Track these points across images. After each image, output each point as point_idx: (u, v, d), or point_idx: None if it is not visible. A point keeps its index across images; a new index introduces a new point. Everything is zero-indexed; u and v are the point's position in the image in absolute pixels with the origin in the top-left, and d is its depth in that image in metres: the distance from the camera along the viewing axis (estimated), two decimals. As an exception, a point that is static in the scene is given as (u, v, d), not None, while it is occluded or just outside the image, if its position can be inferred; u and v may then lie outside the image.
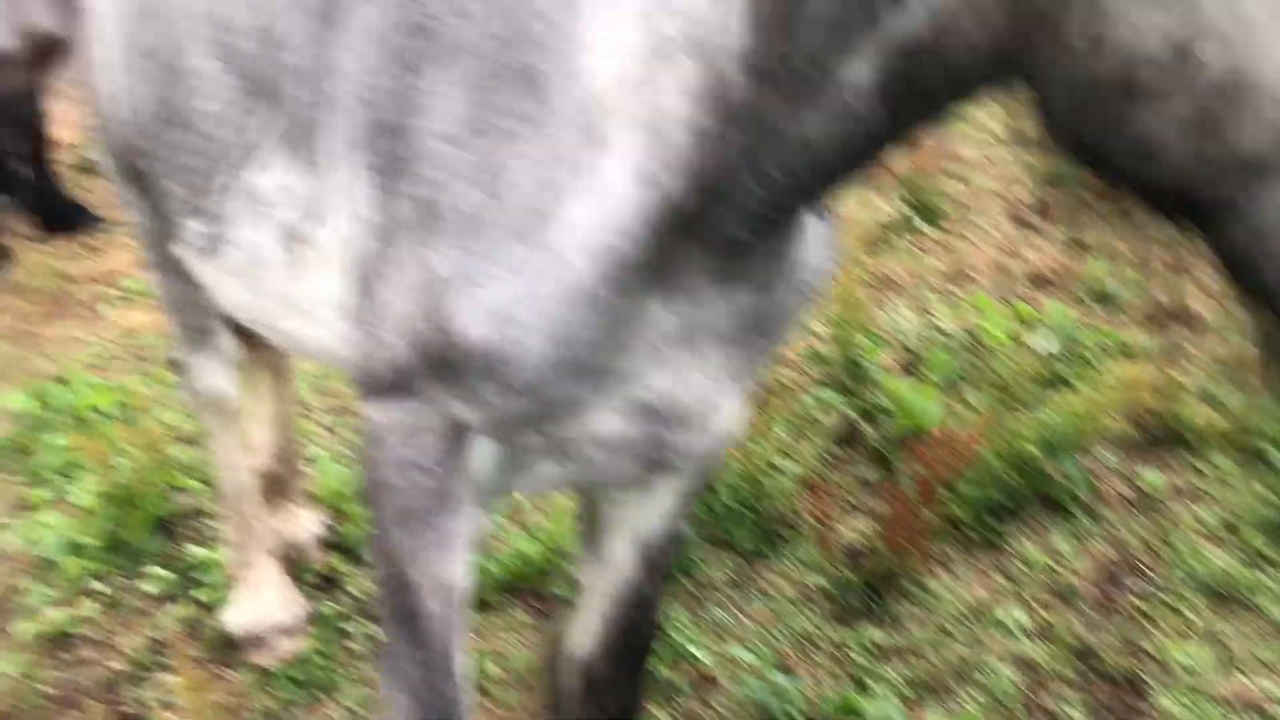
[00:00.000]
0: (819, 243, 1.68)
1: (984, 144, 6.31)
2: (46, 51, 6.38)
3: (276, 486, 3.27)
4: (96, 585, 3.43)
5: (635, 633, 2.25)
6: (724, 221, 1.41)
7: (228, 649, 3.21)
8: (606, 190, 1.40)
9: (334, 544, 3.56)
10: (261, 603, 3.12)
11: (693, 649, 3.19)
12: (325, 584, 3.46)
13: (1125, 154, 1.08)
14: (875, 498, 3.74)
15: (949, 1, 1.11)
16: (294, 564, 3.33)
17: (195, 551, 3.50)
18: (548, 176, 1.41)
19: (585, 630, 2.29)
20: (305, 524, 3.39)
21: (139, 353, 5.10)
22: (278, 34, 1.77)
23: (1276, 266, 1.03)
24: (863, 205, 5.58)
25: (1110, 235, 1.31)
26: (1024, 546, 3.55)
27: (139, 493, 3.57)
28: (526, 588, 3.40)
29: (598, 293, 1.45)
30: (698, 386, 1.64)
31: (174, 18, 1.99)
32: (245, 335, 2.89)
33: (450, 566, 1.78)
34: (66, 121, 7.65)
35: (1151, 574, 3.44)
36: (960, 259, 5.42)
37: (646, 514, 2.08)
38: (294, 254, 1.86)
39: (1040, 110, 1.16)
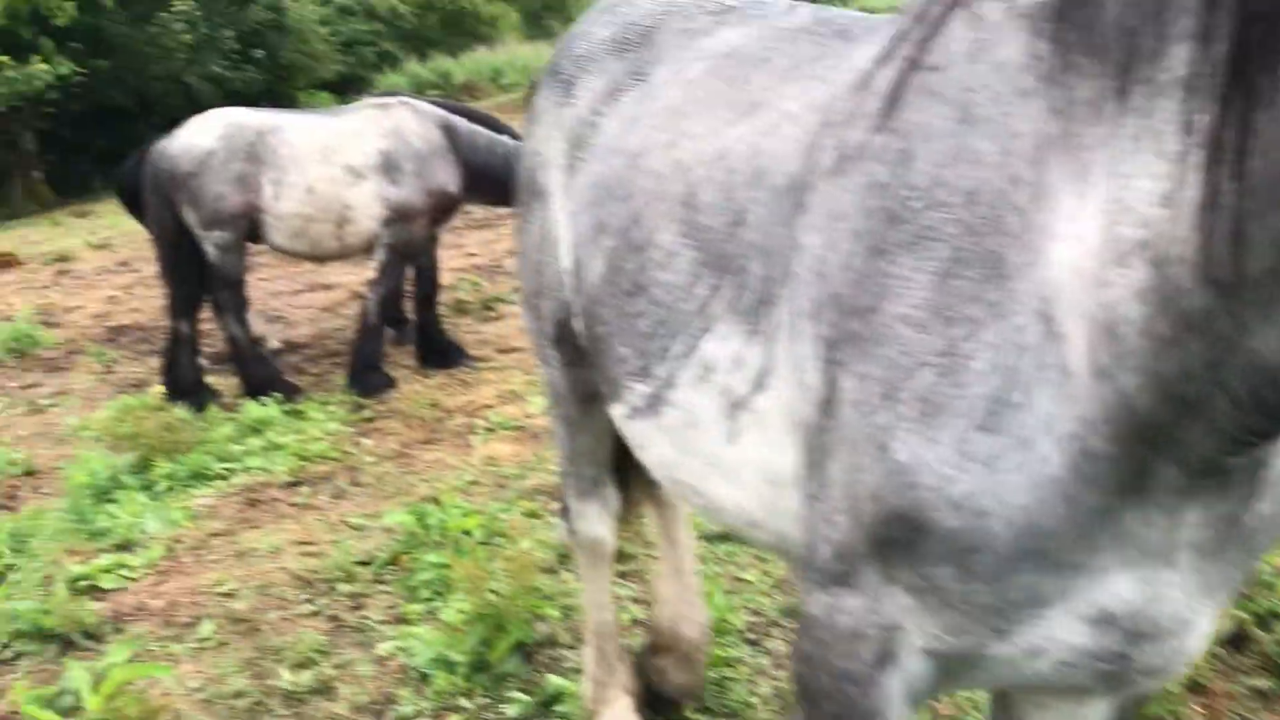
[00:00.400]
0: None
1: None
2: (446, 208, 7.15)
3: (668, 640, 3.32)
4: (463, 702, 3.60)
5: None
6: (1196, 438, 1.35)
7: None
8: (1069, 381, 1.38)
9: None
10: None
11: None
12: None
13: None
14: (1269, 711, 3.37)
15: None
16: (652, 707, 3.38)
17: (554, 680, 3.62)
18: (1011, 364, 1.40)
19: None
20: (673, 677, 3.40)
21: (500, 480, 5.44)
22: (745, 215, 1.85)
23: None
24: None
25: None
26: None
27: (506, 616, 3.75)
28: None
29: (1066, 484, 1.41)
30: (1169, 600, 1.53)
31: (640, 198, 2.11)
32: (629, 490, 3.09)
33: None
34: (444, 268, 8.47)
35: None
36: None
37: None
38: (732, 418, 1.89)
39: None
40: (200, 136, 6.81)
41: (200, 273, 7.01)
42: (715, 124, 2.01)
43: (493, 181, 7.19)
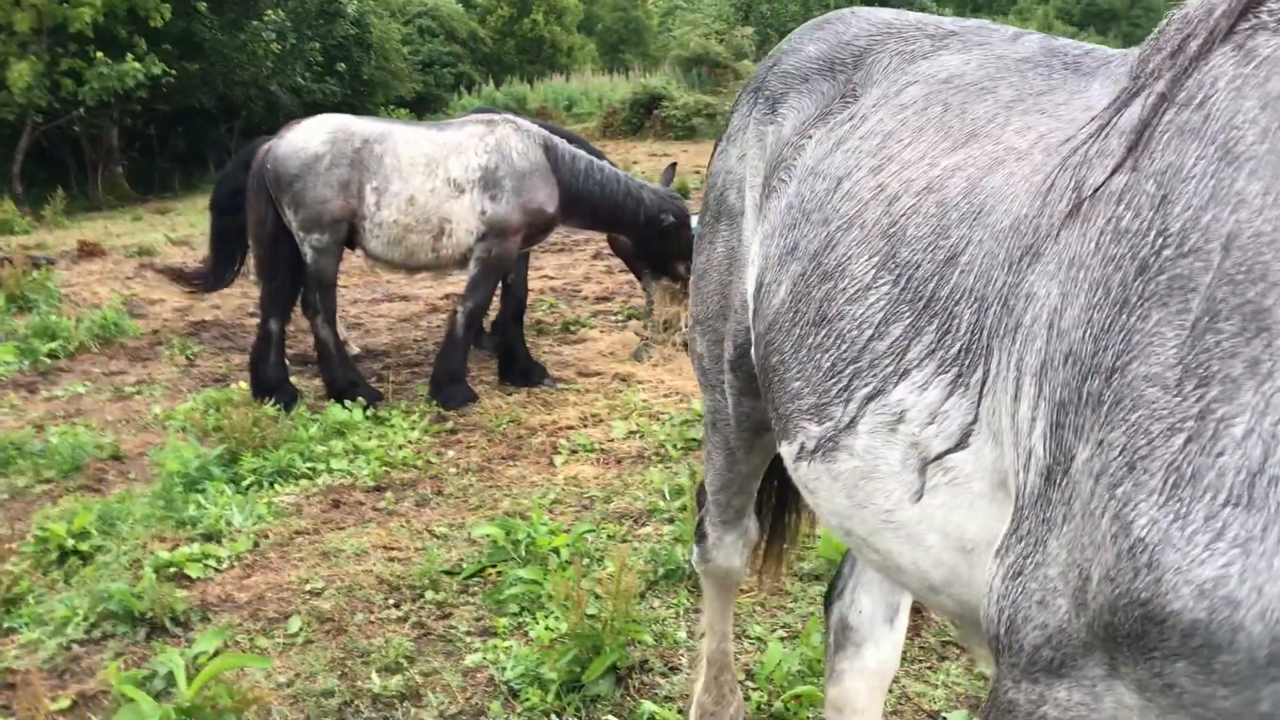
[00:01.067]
0: None
1: None
2: (542, 227, 7.19)
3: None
4: (554, 720, 3.57)
5: None
6: None
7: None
8: None
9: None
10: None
11: None
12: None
13: None
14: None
15: None
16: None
17: (647, 706, 3.57)
18: (1273, 433, 1.25)
19: None
20: None
21: (584, 502, 5.42)
22: (958, 255, 1.72)
23: None
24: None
25: None
26: None
27: (603, 638, 3.71)
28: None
29: None
30: None
31: (837, 222, 2.00)
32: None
33: None
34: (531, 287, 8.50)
35: None
36: None
37: None
38: (920, 473, 1.75)
39: None
40: (308, 140, 6.90)
41: (294, 273, 7.09)
42: (928, 152, 1.91)
43: (589, 205, 7.24)
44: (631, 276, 11.12)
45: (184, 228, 16.46)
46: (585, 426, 6.57)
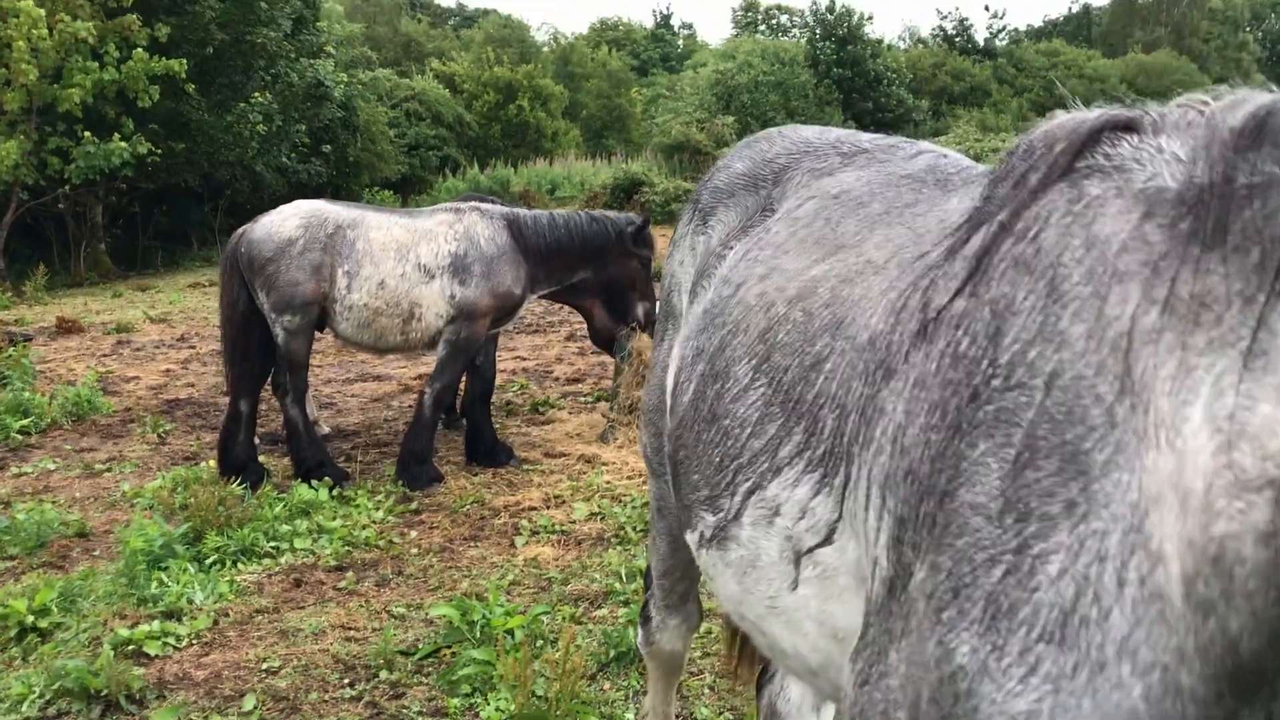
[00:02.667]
0: None
1: None
2: (509, 309, 7.37)
3: None
4: (500, 800, 3.63)
5: None
6: None
7: None
8: (1158, 605, 1.21)
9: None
10: None
11: None
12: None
13: None
14: None
15: None
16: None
17: (591, 786, 3.64)
18: (1086, 573, 1.25)
19: None
20: None
21: (542, 583, 5.50)
22: (821, 362, 1.80)
23: None
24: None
25: None
26: None
27: (549, 718, 3.79)
28: None
29: (1142, 718, 1.22)
30: None
31: (728, 327, 2.12)
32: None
33: None
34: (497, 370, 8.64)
35: None
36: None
37: None
38: (795, 564, 1.82)
39: None
40: (282, 224, 7.09)
41: (265, 355, 7.22)
42: (802, 263, 2.03)
43: (567, 249, 7.49)
44: (604, 358, 11.31)
45: (163, 305, 16.61)
46: (548, 508, 6.67)
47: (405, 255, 7.11)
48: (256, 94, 24.45)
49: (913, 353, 1.58)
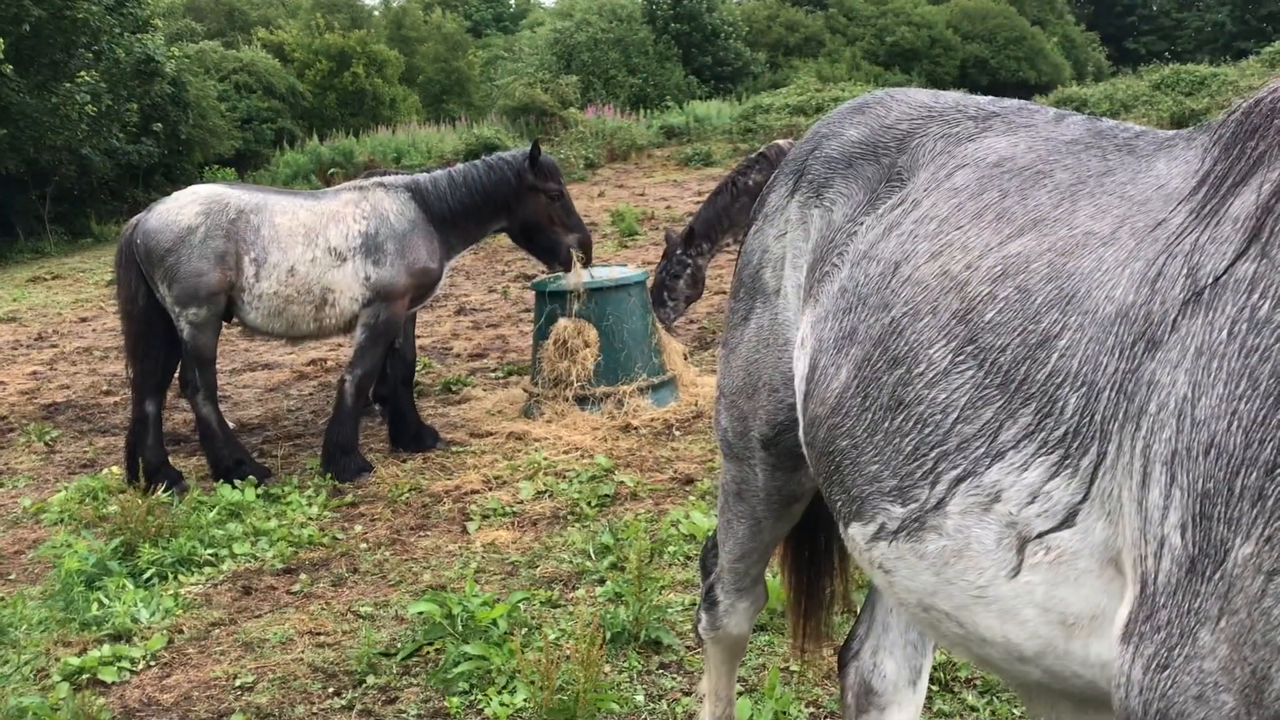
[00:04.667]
0: None
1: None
2: (427, 286, 7.13)
3: None
4: (534, 798, 3.52)
5: None
6: None
7: None
8: None
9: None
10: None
11: None
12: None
13: None
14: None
15: None
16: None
17: (627, 775, 3.56)
18: None
19: None
20: None
21: (507, 569, 5.35)
22: (1053, 340, 1.72)
23: None
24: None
25: None
26: None
27: (575, 710, 3.68)
28: None
29: None
30: None
31: (900, 308, 2.01)
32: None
33: None
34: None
35: None
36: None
37: None
38: (1017, 551, 1.75)
39: None
40: (180, 212, 6.66)
41: (169, 351, 6.81)
42: (990, 238, 1.93)
43: (472, 208, 7.20)
44: (502, 331, 11.09)
45: (6, 303, 15.54)
46: (491, 490, 6.50)
47: (314, 239, 6.77)
48: (82, 73, 22.99)
49: (1184, 321, 1.53)
